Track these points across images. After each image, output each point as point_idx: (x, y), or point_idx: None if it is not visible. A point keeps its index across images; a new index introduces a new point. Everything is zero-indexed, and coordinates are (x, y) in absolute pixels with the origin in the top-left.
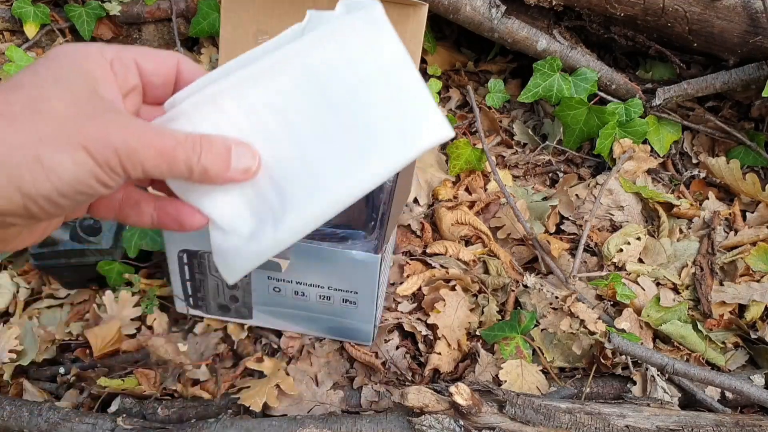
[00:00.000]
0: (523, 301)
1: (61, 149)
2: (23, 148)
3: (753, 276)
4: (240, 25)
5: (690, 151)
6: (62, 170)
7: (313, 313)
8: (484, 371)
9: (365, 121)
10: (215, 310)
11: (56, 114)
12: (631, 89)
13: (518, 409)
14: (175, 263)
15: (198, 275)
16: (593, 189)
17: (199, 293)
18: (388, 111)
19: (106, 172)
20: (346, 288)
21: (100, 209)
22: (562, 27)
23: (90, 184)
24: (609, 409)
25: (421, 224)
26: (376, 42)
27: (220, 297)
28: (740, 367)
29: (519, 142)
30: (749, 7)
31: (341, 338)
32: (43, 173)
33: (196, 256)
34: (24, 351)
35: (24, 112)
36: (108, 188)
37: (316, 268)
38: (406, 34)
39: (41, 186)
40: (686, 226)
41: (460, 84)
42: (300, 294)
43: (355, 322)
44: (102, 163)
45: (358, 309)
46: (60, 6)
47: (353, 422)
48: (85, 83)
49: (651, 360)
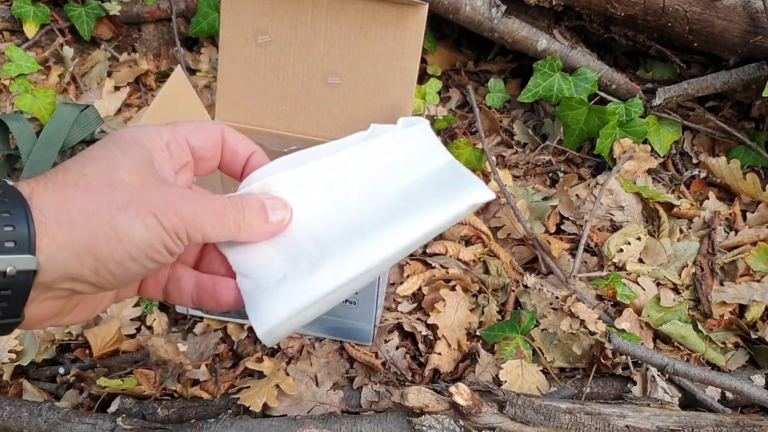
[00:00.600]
0: (524, 301)
1: (134, 217)
2: (99, 215)
3: (753, 276)
4: (240, 25)
5: (690, 151)
6: (135, 236)
7: None
8: (484, 371)
9: (414, 198)
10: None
11: (126, 185)
12: (632, 89)
13: (518, 409)
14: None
15: None
16: (593, 189)
17: None
18: (435, 191)
19: (172, 239)
20: None
21: (149, 287)
22: (563, 27)
23: (158, 250)
24: (609, 410)
25: None
26: (427, 149)
27: None
28: (740, 367)
29: (519, 142)
30: (749, 6)
31: (341, 338)
32: (117, 238)
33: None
34: (24, 351)
35: (98, 182)
36: (172, 256)
37: None
38: (406, 33)
39: (115, 250)
40: (686, 226)
41: (460, 84)
42: None
43: (355, 322)
44: (169, 229)
45: (358, 309)
46: (60, 6)
47: (353, 422)
48: (146, 159)
49: (651, 360)
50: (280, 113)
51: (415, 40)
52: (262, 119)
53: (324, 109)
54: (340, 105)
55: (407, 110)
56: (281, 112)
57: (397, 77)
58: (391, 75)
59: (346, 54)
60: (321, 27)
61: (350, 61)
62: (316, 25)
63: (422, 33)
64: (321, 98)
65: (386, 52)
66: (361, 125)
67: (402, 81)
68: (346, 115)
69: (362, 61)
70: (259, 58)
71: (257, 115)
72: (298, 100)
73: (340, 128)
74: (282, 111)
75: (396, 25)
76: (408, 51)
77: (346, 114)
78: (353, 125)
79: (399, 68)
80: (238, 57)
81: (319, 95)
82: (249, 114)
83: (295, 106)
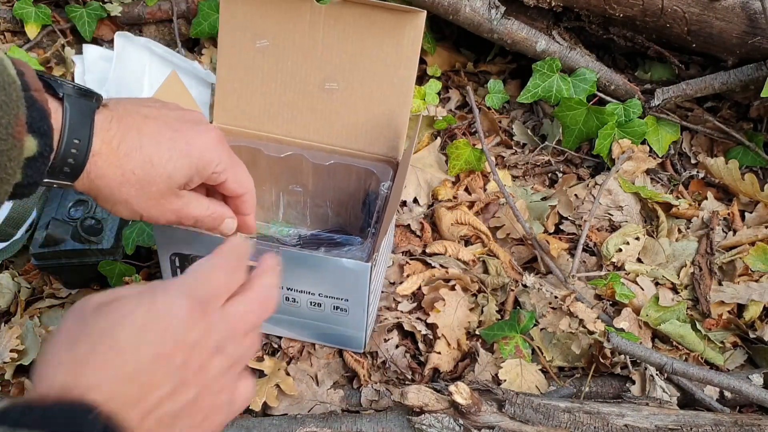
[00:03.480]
0: (523, 300)
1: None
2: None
3: (751, 276)
4: (238, 28)
5: (689, 151)
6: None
7: (304, 319)
8: (484, 370)
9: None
10: None
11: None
12: (630, 90)
13: (517, 408)
14: (167, 264)
15: None
16: (592, 189)
17: None
18: None
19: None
20: (337, 295)
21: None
22: (561, 28)
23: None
24: (608, 409)
25: (421, 224)
26: None
27: None
28: (739, 367)
29: (518, 142)
30: (748, 8)
31: (333, 345)
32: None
33: (187, 259)
34: (25, 350)
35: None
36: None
37: (307, 275)
38: (404, 40)
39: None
40: (685, 226)
41: (459, 84)
42: (291, 300)
43: (346, 329)
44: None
45: (349, 316)
46: (61, 7)
47: (353, 421)
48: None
49: (650, 359)
50: (278, 118)
51: (412, 47)
52: (259, 123)
53: (321, 115)
54: (338, 111)
55: (404, 117)
56: (279, 117)
57: (394, 84)
58: (389, 81)
59: (343, 60)
60: (319, 33)
61: (348, 67)
62: (314, 31)
63: (420, 40)
64: (318, 104)
65: (384, 58)
66: (357, 130)
67: (399, 88)
68: (342, 121)
69: (360, 68)
70: (257, 62)
71: (255, 119)
72: (296, 105)
73: (337, 133)
74: (279, 115)
75: (393, 32)
76: (405, 58)
77: (342, 120)
78: (350, 130)
79: (396, 75)
80: (236, 61)
81: (317, 100)
82: (246, 118)
83: (293, 111)
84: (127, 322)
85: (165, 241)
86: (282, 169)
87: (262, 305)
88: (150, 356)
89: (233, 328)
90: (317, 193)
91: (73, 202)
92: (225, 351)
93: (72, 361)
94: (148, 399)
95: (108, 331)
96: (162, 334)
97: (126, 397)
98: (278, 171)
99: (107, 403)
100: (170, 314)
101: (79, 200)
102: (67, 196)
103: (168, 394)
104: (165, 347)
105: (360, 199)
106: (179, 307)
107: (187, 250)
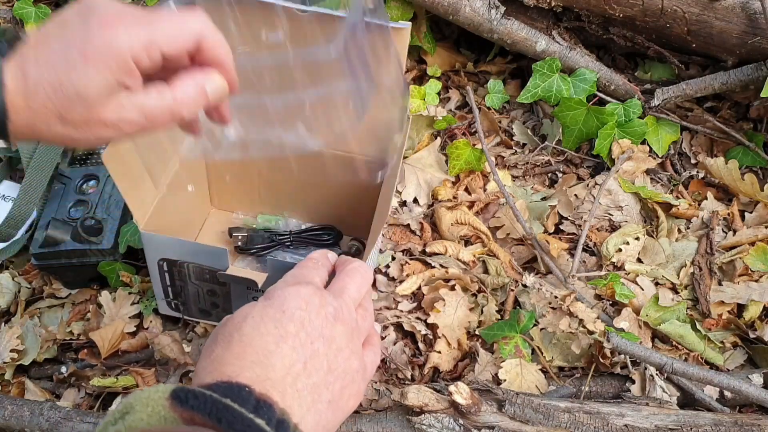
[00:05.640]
0: (523, 300)
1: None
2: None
3: (751, 276)
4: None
5: (689, 151)
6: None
7: None
8: (484, 370)
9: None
10: (196, 313)
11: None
12: (630, 90)
13: (517, 408)
14: (155, 270)
15: (178, 282)
16: (592, 189)
17: (180, 298)
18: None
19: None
20: None
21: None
22: (561, 28)
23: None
24: (608, 408)
25: (421, 224)
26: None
27: (201, 303)
28: (739, 367)
29: (518, 142)
30: (748, 8)
31: None
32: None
33: (175, 264)
34: (25, 350)
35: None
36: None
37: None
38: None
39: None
40: (685, 226)
41: (459, 85)
42: None
43: None
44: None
45: None
46: (60, 6)
47: (353, 421)
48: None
49: (650, 359)
50: (269, 122)
51: (397, 61)
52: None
53: (314, 123)
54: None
55: (393, 126)
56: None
57: (383, 97)
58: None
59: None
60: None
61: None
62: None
63: (405, 54)
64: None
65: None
66: (353, 136)
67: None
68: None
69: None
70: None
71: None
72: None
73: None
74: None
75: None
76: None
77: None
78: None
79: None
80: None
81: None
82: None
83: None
84: (248, 319)
85: (152, 247)
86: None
87: (362, 276)
88: (273, 340)
89: (342, 298)
90: (305, 181)
91: (73, 202)
92: (341, 318)
93: (214, 360)
94: (285, 377)
95: (236, 331)
96: (279, 319)
97: (263, 377)
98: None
99: (253, 385)
100: (283, 303)
101: (79, 200)
102: (67, 197)
103: (302, 369)
104: (286, 329)
105: (351, 193)
106: (289, 294)
107: (173, 255)
